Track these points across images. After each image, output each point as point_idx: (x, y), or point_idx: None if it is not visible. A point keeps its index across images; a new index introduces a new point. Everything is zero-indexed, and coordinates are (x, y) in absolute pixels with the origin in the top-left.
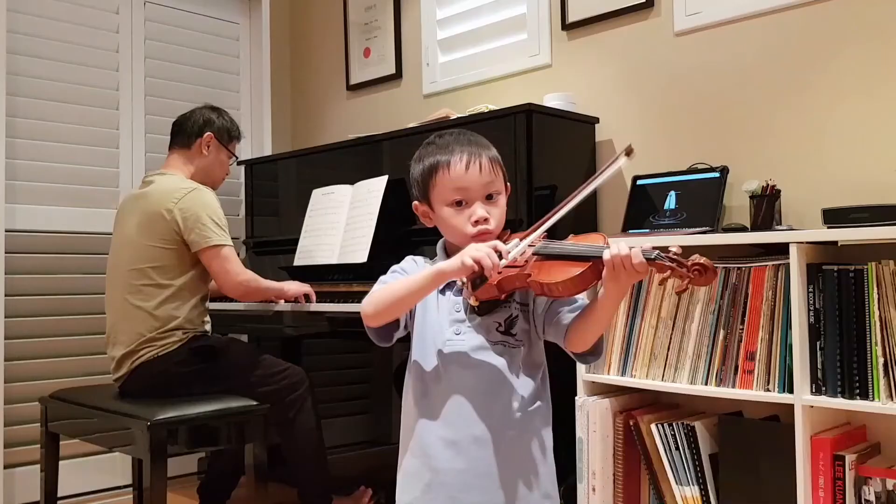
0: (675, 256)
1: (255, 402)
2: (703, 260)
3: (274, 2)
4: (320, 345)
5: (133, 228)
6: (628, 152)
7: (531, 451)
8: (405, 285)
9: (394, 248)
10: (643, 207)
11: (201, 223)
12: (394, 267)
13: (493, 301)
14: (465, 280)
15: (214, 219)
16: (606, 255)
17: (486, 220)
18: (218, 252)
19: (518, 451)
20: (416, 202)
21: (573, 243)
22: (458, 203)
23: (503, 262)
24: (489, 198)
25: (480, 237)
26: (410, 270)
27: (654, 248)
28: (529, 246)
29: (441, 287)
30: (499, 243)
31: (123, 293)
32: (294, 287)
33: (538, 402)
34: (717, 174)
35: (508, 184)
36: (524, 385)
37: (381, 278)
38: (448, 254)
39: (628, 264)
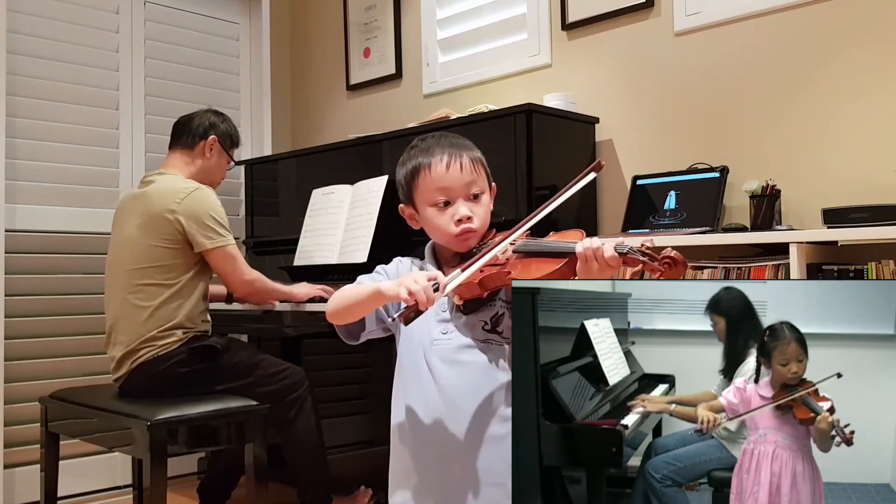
0: (646, 250)
1: (255, 402)
2: (673, 253)
3: (274, 2)
4: (320, 345)
5: (134, 228)
6: (597, 168)
7: None
8: (354, 295)
9: (394, 248)
10: (643, 207)
11: (205, 224)
12: (378, 268)
13: (477, 299)
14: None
15: (217, 218)
16: (579, 248)
17: (469, 219)
18: (223, 252)
19: (506, 447)
20: (401, 205)
21: (551, 240)
22: (442, 203)
23: (439, 294)
24: (474, 197)
25: (463, 236)
26: (391, 273)
27: (626, 243)
28: (510, 244)
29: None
30: (440, 275)
31: (124, 293)
32: (304, 290)
33: None
34: (717, 174)
35: (493, 183)
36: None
37: (359, 278)
38: (436, 255)
39: (600, 257)
